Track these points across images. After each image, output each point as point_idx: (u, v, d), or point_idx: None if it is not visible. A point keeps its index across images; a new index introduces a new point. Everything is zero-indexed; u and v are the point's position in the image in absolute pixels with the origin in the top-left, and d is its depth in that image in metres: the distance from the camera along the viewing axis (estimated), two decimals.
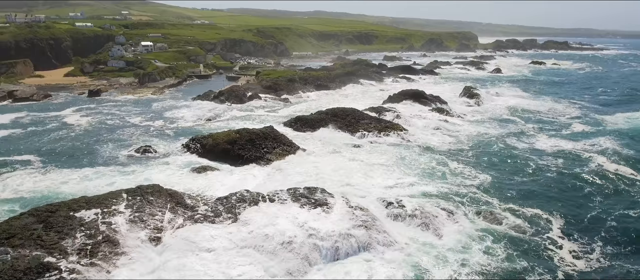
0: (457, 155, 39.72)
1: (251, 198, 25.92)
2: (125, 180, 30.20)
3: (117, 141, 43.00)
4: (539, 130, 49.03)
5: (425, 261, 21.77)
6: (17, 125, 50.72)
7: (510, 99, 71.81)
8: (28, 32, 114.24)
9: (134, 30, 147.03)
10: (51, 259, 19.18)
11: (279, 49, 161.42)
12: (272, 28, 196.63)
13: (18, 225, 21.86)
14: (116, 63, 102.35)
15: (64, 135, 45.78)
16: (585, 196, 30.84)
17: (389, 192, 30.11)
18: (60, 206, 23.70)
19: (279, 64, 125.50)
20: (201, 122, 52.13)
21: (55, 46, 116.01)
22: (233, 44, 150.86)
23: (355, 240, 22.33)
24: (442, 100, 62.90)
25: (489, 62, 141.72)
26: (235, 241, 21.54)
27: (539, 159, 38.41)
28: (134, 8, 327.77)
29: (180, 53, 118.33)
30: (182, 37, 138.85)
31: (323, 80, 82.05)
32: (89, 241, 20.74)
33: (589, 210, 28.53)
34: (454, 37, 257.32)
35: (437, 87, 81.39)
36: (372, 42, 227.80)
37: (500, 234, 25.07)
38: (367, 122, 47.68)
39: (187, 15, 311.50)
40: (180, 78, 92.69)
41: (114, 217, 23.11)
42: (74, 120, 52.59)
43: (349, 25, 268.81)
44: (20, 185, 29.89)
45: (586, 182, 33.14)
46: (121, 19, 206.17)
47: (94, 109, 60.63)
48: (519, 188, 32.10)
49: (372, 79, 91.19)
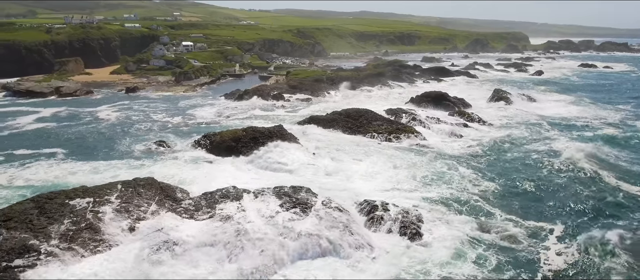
0: (468, 160, 38.39)
1: (235, 194, 26.61)
2: (129, 172, 31.90)
3: (135, 136, 45.44)
4: (566, 139, 44.67)
5: (393, 266, 21.42)
6: (55, 118, 54.85)
7: (545, 103, 68.22)
8: (81, 33, 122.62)
9: (179, 31, 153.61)
10: (35, 241, 20.77)
11: (316, 49, 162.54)
12: (313, 28, 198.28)
13: (18, 209, 23.81)
14: (157, 62, 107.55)
15: (92, 129, 48.98)
16: (597, 216, 27.34)
17: (382, 195, 29.71)
18: (59, 194, 25.54)
19: (313, 64, 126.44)
20: (219, 120, 53.83)
21: (105, 46, 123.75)
22: (271, 44, 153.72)
23: (325, 242, 22.35)
24: (466, 103, 61.00)
25: (533, 64, 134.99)
26: (206, 235, 22.24)
27: (557, 170, 35.41)
28: (186, 9, 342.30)
29: (218, 53, 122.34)
30: (222, 38, 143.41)
31: (350, 81, 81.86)
32: (72, 227, 22.25)
33: (595, 234, 24.99)
34: (502, 37, 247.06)
35: (468, 89, 78.88)
36: (414, 42, 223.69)
37: (489, 244, 23.97)
38: (379, 124, 47.23)
39: (234, 16, 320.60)
40: (214, 77, 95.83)
41: (103, 206, 24.58)
42: (104, 115, 56.07)
43: (391, 25, 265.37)
44: (34, 174, 32.49)
45: (603, 201, 29.41)
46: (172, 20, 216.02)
47: (126, 105, 64.29)
48: (525, 199, 30.25)
49: (402, 80, 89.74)
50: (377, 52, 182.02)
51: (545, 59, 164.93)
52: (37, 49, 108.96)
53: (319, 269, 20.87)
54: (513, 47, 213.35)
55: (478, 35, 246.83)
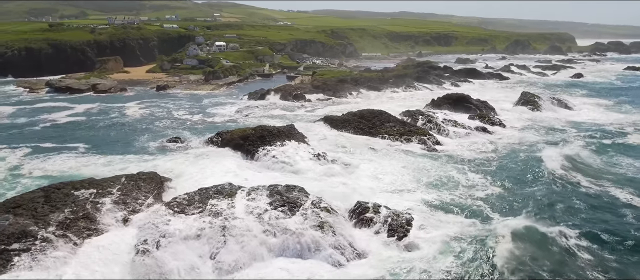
0: (478, 164, 37.27)
1: (229, 191, 27.27)
2: (137, 166, 33.40)
3: (154, 132, 47.40)
4: (593, 149, 41.34)
5: (372, 267, 21.33)
6: (86, 114, 58.13)
7: (578, 108, 64.80)
8: (122, 33, 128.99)
9: (215, 31, 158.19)
10: (34, 228, 22.22)
11: (348, 50, 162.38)
12: (347, 29, 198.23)
13: (27, 197, 25.57)
14: (190, 61, 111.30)
15: (116, 124, 51.56)
16: (609, 232, 24.90)
17: (381, 197, 29.55)
18: (66, 185, 27.18)
19: (342, 64, 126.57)
20: (237, 118, 55.10)
21: (144, 45, 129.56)
22: (303, 44, 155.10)
23: (306, 240, 22.57)
24: (489, 107, 59.07)
25: (574, 66, 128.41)
26: (193, 229, 22.97)
27: (574, 180, 32.94)
28: (226, 10, 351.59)
29: (249, 53, 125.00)
30: (254, 38, 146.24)
31: (374, 82, 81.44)
32: (71, 216, 23.62)
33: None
34: (546, 38, 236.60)
35: (496, 92, 76.46)
36: (451, 43, 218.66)
37: (477, 250, 23.31)
38: (392, 126, 46.73)
39: (272, 17, 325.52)
40: (242, 76, 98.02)
41: (104, 197, 25.93)
42: (131, 112, 58.82)
43: (427, 26, 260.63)
44: (52, 165, 34.73)
45: (618, 216, 27.08)
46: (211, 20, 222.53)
47: (153, 102, 67.06)
48: (530, 207, 29.03)
49: (430, 82, 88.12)
50: (411, 53, 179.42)
51: (588, 61, 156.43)
52: (81, 48, 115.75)
53: (296, 266, 21.11)
54: (556, 48, 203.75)
55: (519, 36, 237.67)
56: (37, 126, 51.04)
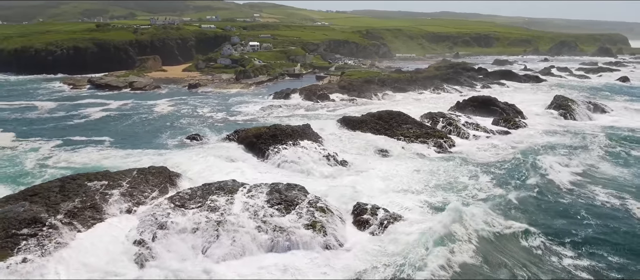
0: (494, 169, 36.09)
1: (231, 187, 28.00)
2: (152, 160, 34.91)
3: (177, 128, 49.23)
4: (617, 159, 38.52)
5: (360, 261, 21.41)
6: (118, 110, 61.19)
7: (616, 113, 61.27)
8: (162, 33, 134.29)
9: (251, 32, 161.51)
10: (44, 215, 23.78)
11: (382, 50, 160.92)
12: (382, 29, 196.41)
13: (45, 187, 27.37)
14: (224, 60, 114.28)
15: (143, 121, 53.97)
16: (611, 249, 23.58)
17: (383, 198, 29.40)
18: (81, 176, 28.87)
19: (373, 65, 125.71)
20: (259, 117, 56.15)
21: (182, 45, 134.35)
22: (337, 44, 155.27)
23: (296, 239, 22.86)
24: (516, 110, 56.95)
25: (621, 69, 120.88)
26: (189, 223, 23.80)
27: (583, 192, 30.90)
28: (266, 11, 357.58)
29: (282, 52, 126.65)
30: (288, 38, 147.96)
31: (401, 83, 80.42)
32: (79, 205, 25.10)
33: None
34: (595, 39, 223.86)
35: (529, 95, 73.46)
36: (491, 44, 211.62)
37: (463, 253, 22.72)
38: (408, 127, 46.14)
39: (310, 18, 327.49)
40: (272, 76, 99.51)
41: (113, 189, 27.35)
42: (159, 109, 61.32)
43: (468, 26, 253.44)
44: (77, 157, 36.93)
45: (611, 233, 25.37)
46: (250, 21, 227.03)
47: (182, 100, 69.53)
48: (532, 214, 27.82)
49: (461, 83, 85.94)
50: (448, 54, 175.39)
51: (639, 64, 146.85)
52: (124, 47, 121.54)
53: (286, 261, 21.45)
54: (606, 50, 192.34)
55: (566, 36, 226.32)
56: (72, 120, 54.31)
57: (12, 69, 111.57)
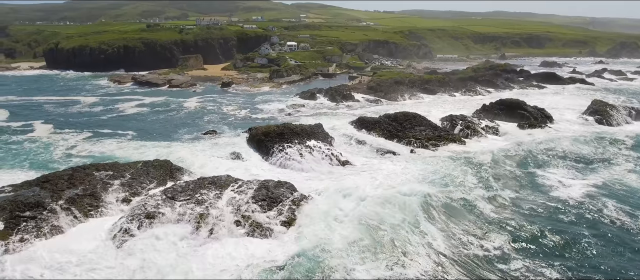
0: (496, 172, 34.73)
1: (224, 182, 29.04)
2: (160, 152, 36.74)
3: (197, 124, 51.36)
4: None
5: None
6: (150, 106, 64.66)
7: None
8: (206, 33, 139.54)
9: (292, 32, 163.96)
10: (48, 200, 25.99)
11: (422, 51, 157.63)
12: (426, 29, 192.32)
13: (57, 174, 29.82)
14: (260, 60, 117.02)
15: (169, 116, 56.74)
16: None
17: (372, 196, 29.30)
18: (90, 166, 31.15)
19: (410, 65, 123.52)
20: (279, 116, 57.20)
21: (224, 44, 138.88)
22: (376, 45, 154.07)
23: (270, 234, 23.47)
24: (546, 115, 54.03)
25: None
26: (175, 214, 25.10)
27: (593, 207, 28.52)
28: (313, 11, 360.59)
29: (318, 52, 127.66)
30: (327, 38, 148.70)
31: (432, 85, 78.60)
32: (81, 193, 27.18)
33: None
34: None
35: (567, 100, 69.39)
36: (543, 45, 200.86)
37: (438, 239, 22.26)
38: (422, 130, 45.33)
39: (356, 18, 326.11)
40: (304, 75, 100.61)
41: (116, 180, 29.29)
42: (188, 105, 64.12)
43: (519, 26, 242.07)
44: (98, 148, 39.73)
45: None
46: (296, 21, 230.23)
47: (212, 97, 72.18)
48: (530, 218, 26.60)
49: (496, 86, 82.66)
50: (493, 55, 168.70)
51: None
52: (169, 46, 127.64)
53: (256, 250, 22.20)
54: None
55: (627, 37, 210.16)
56: (106, 115, 58.13)
57: (71, 66, 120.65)
